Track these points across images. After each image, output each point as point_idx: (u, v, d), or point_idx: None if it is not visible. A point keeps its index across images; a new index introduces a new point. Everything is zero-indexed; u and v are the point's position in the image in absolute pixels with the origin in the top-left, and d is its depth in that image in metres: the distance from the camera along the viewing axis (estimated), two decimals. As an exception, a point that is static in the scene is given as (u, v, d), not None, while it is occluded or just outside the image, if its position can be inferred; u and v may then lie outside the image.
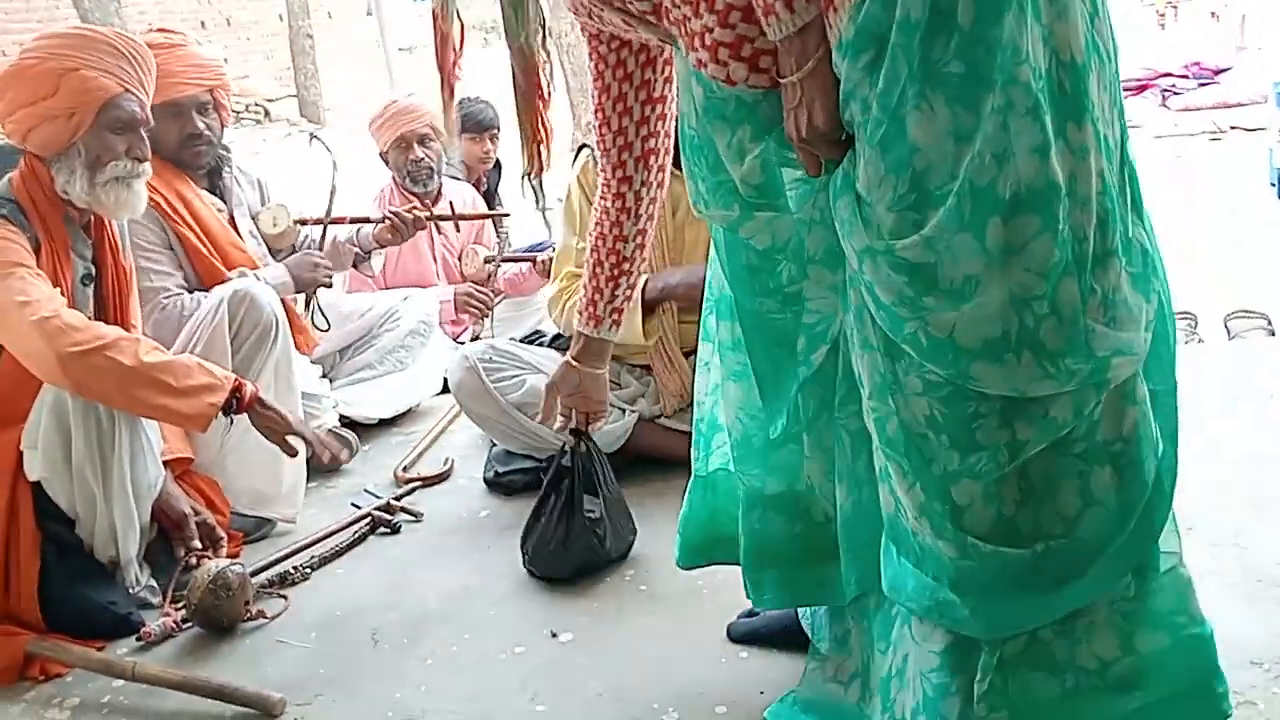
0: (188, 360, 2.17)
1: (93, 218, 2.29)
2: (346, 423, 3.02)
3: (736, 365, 1.56)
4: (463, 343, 3.46)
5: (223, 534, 2.36)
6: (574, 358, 1.90)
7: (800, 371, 1.46)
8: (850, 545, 1.50)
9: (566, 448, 2.18)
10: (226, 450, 2.49)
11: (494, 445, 2.73)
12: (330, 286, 3.05)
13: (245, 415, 2.20)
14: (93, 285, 2.31)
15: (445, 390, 3.05)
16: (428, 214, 3.22)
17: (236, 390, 2.16)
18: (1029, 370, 1.19)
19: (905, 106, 1.16)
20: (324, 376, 3.19)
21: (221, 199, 2.94)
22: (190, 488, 2.42)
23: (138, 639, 2.09)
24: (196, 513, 2.33)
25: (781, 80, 1.27)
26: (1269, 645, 1.67)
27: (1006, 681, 1.31)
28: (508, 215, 3.71)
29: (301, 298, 2.98)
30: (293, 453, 2.26)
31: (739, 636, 1.86)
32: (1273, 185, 4.55)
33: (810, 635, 1.68)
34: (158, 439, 2.29)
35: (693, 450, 1.73)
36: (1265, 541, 1.95)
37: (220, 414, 2.15)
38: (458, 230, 3.74)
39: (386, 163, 3.71)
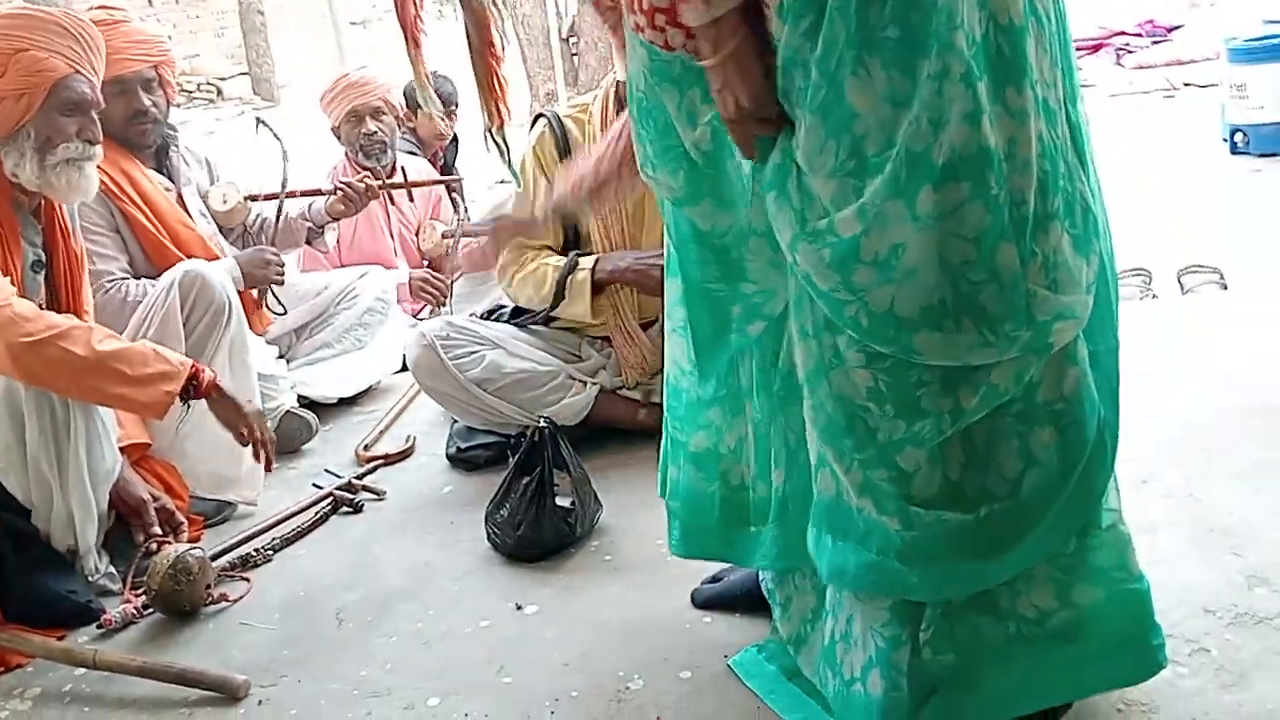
0: (143, 348, 2.13)
1: (42, 202, 2.25)
2: (305, 403, 2.99)
3: (679, 320, 1.56)
4: (422, 320, 3.43)
5: (183, 519, 2.33)
6: None
7: (733, 340, 1.46)
8: (781, 518, 1.53)
9: (531, 430, 2.17)
10: (185, 434, 2.46)
11: (455, 421, 2.72)
12: (282, 283, 3.00)
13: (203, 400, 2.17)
14: (44, 272, 2.26)
15: (405, 368, 3.03)
16: (380, 182, 3.18)
17: (194, 377, 2.13)
18: (970, 338, 1.20)
19: (843, 72, 1.15)
20: (281, 357, 3.16)
21: (169, 178, 2.90)
22: (148, 473, 2.39)
23: (98, 627, 2.07)
24: (155, 498, 2.30)
25: (700, 63, 1.27)
26: (1221, 594, 1.70)
27: (953, 626, 1.34)
28: (461, 180, 3.67)
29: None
30: (245, 443, 2.22)
31: (703, 602, 1.87)
32: (1225, 141, 4.59)
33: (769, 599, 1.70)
34: (113, 425, 2.26)
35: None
36: (1218, 493, 1.99)
37: (178, 401, 2.12)
38: (411, 200, 3.70)
39: (339, 138, 3.65)
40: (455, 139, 4.23)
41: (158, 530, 2.24)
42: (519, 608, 1.97)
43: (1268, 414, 2.25)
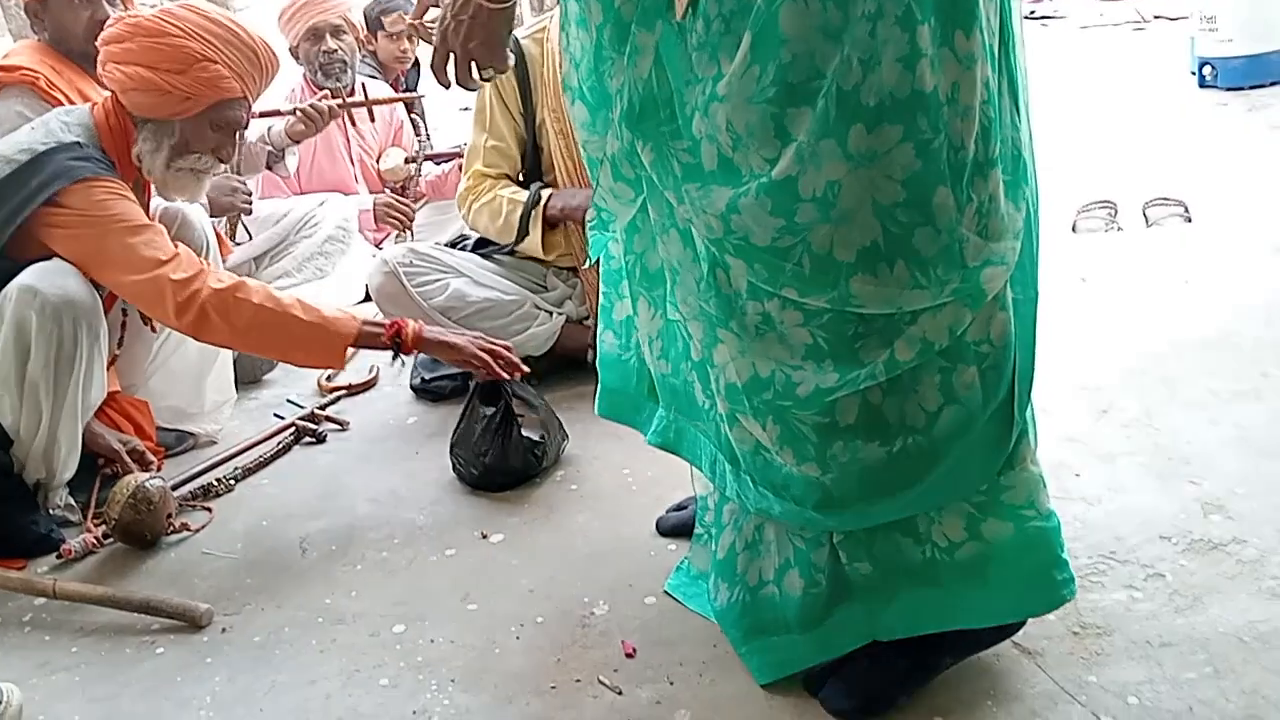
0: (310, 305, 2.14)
1: (145, 181, 2.23)
2: (266, 333, 2.94)
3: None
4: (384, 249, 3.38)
5: (153, 458, 2.32)
6: None
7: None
8: (668, 406, 1.59)
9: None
10: (152, 370, 2.43)
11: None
12: (249, 212, 2.95)
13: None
14: None
15: (368, 298, 2.98)
16: (340, 101, 3.10)
17: (397, 333, 2.12)
18: (902, 279, 1.21)
19: None
20: (241, 286, 3.10)
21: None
22: (119, 414, 2.35)
23: (58, 557, 2.05)
24: (125, 443, 2.27)
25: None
26: (1176, 520, 1.73)
27: (872, 539, 1.39)
28: (422, 97, 3.59)
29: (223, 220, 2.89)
30: (485, 377, 2.17)
31: (667, 530, 1.89)
32: (1193, 74, 4.58)
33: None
34: (107, 358, 2.22)
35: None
36: (1177, 422, 2.01)
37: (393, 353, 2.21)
38: (373, 121, 3.62)
39: (297, 58, 3.55)
40: (416, 62, 4.13)
41: (134, 471, 2.21)
42: (485, 536, 1.97)
43: (1227, 345, 2.28)
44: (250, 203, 2.89)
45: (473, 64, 1.41)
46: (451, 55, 1.41)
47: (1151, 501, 1.78)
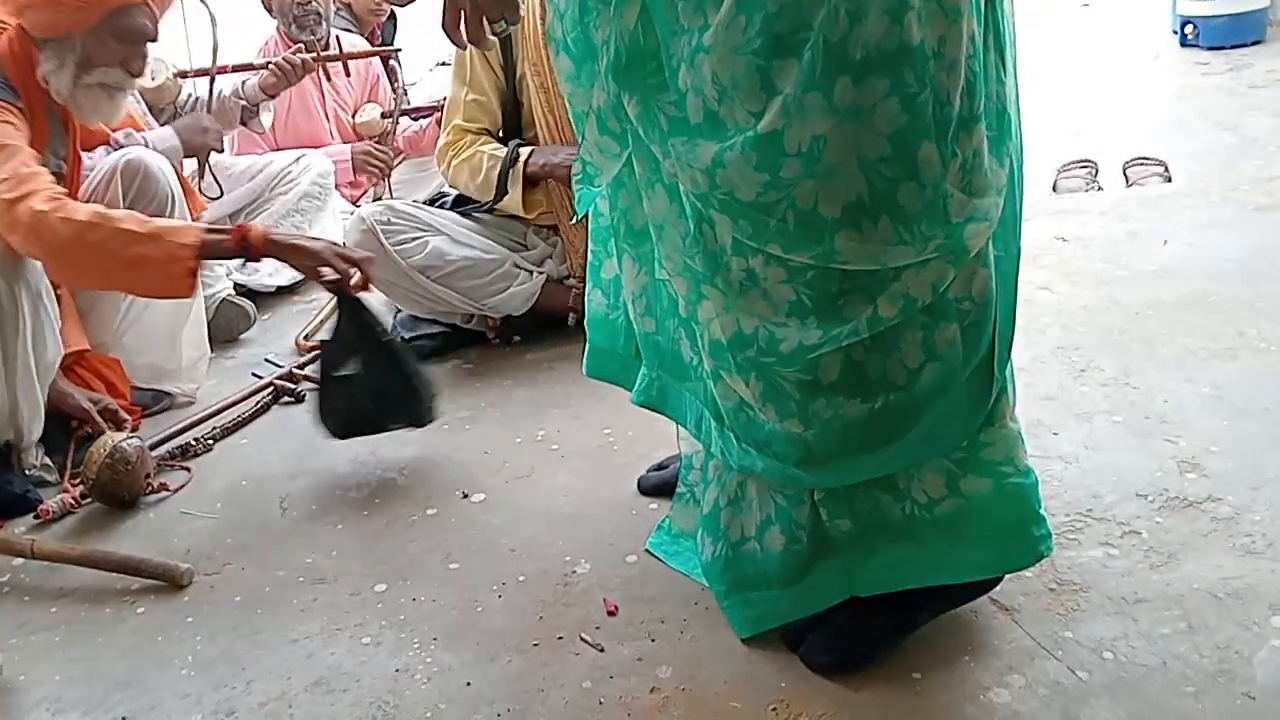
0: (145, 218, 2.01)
1: (66, 111, 2.17)
2: (243, 291, 2.93)
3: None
4: (362, 206, 3.34)
5: (126, 416, 2.29)
6: None
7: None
8: (651, 365, 1.59)
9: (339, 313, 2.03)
10: (124, 327, 2.40)
11: (399, 311, 2.67)
12: (221, 150, 2.91)
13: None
14: (61, 184, 2.16)
15: (346, 255, 2.96)
16: (314, 55, 3.05)
17: (243, 236, 1.95)
18: (886, 235, 1.21)
19: None
20: (216, 243, 3.06)
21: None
22: (89, 373, 2.33)
23: (35, 517, 2.03)
24: (96, 401, 2.25)
25: None
26: (1153, 479, 1.74)
27: (852, 495, 1.40)
28: (399, 51, 3.54)
29: (192, 162, 2.84)
30: (330, 283, 2.00)
31: (648, 489, 1.89)
32: (1175, 32, 4.57)
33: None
34: (57, 316, 2.19)
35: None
36: (1155, 381, 2.03)
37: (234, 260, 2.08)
38: (348, 74, 3.56)
39: (270, 10, 3.48)
40: (393, 15, 4.06)
41: (107, 431, 2.19)
42: (466, 496, 1.97)
43: (1204, 304, 2.29)
44: (221, 142, 2.85)
45: (484, 18, 1.36)
46: (462, 12, 1.36)
47: (1128, 460, 1.80)
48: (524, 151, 2.47)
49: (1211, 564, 1.54)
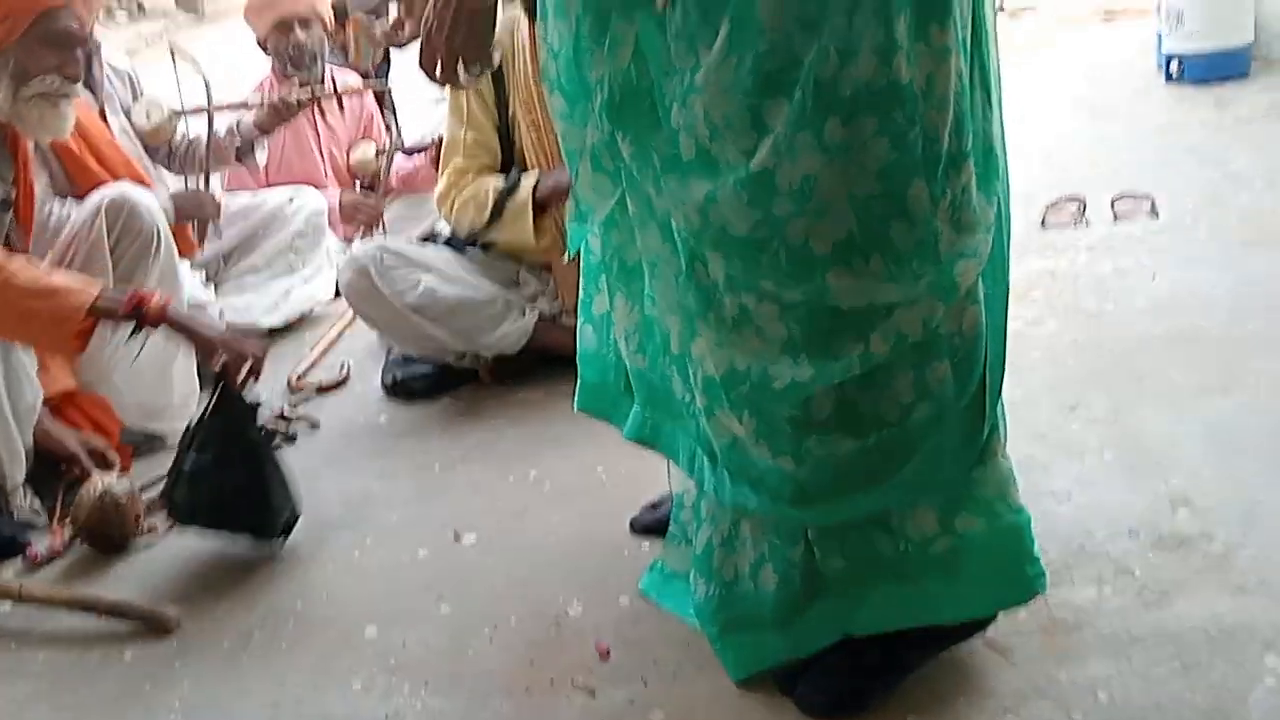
0: (56, 275, 2.02)
1: (10, 133, 2.15)
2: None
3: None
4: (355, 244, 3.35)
5: (115, 456, 2.28)
6: None
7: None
8: (644, 404, 1.58)
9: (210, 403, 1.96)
10: (113, 365, 2.39)
11: (391, 350, 2.68)
12: (218, 221, 2.92)
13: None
14: (10, 211, 2.17)
15: (339, 294, 2.96)
16: (308, 93, 3.07)
17: (139, 304, 1.96)
18: (877, 272, 1.22)
19: None
20: (208, 282, 3.07)
21: (91, 93, 2.77)
22: (77, 412, 2.32)
23: (24, 560, 2.03)
24: (85, 443, 2.24)
25: None
26: (1145, 516, 1.74)
27: (845, 535, 1.39)
28: (391, 89, 3.56)
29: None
30: (221, 374, 1.96)
31: (641, 529, 1.89)
32: (1160, 68, 4.62)
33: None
34: (31, 361, 2.19)
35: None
36: (1144, 418, 2.03)
37: (118, 332, 2.00)
38: (341, 110, 3.58)
39: (265, 50, 3.50)
40: (387, 54, 4.09)
41: (95, 474, 2.17)
42: (457, 537, 1.97)
43: (1193, 340, 2.30)
44: (219, 214, 2.87)
45: (459, 62, 1.42)
46: (437, 54, 1.42)
47: (1120, 497, 1.80)
48: (525, 179, 2.47)
49: (1204, 602, 1.53)
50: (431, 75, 1.46)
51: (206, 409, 1.95)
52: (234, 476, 1.91)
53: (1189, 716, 1.34)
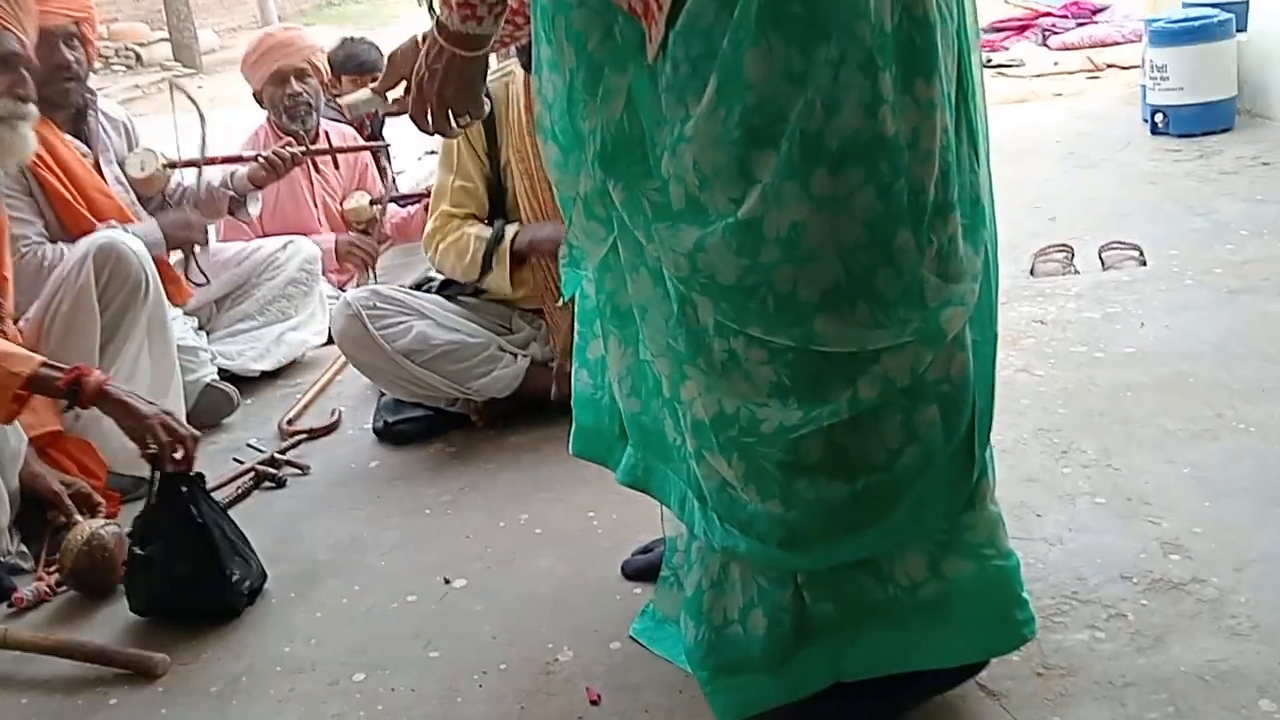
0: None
1: None
2: (226, 376, 2.92)
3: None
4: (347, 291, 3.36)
5: (100, 499, 2.26)
6: (445, 41, 1.40)
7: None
8: (637, 446, 1.58)
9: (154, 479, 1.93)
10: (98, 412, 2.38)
11: (383, 395, 2.68)
12: (206, 244, 2.93)
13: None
14: None
15: (331, 341, 2.97)
16: (303, 149, 3.09)
17: (76, 380, 1.95)
18: (864, 319, 1.23)
19: (747, 43, 1.15)
20: (201, 329, 3.07)
21: (86, 143, 2.80)
22: (61, 454, 2.31)
23: (9, 605, 2.00)
24: (69, 485, 2.22)
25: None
26: (1137, 560, 1.74)
27: (836, 579, 1.39)
28: (387, 145, 3.59)
29: (179, 251, 2.87)
30: (150, 456, 1.94)
31: (632, 573, 1.88)
32: (1145, 121, 4.69)
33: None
34: None
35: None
36: (1135, 463, 2.03)
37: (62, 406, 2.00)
38: (337, 168, 3.61)
39: (261, 103, 3.54)
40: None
41: (77, 518, 2.16)
42: (447, 582, 1.95)
43: (1181, 386, 2.31)
44: (206, 236, 2.88)
45: (449, 112, 1.45)
46: (428, 104, 1.45)
47: (1112, 542, 1.80)
48: (510, 230, 2.50)
49: (1198, 647, 1.53)
50: (422, 125, 1.49)
51: (149, 500, 1.93)
52: (184, 565, 1.88)
53: (1184, 762, 1.33)
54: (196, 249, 2.90)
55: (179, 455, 1.93)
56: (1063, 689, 1.48)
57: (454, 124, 1.48)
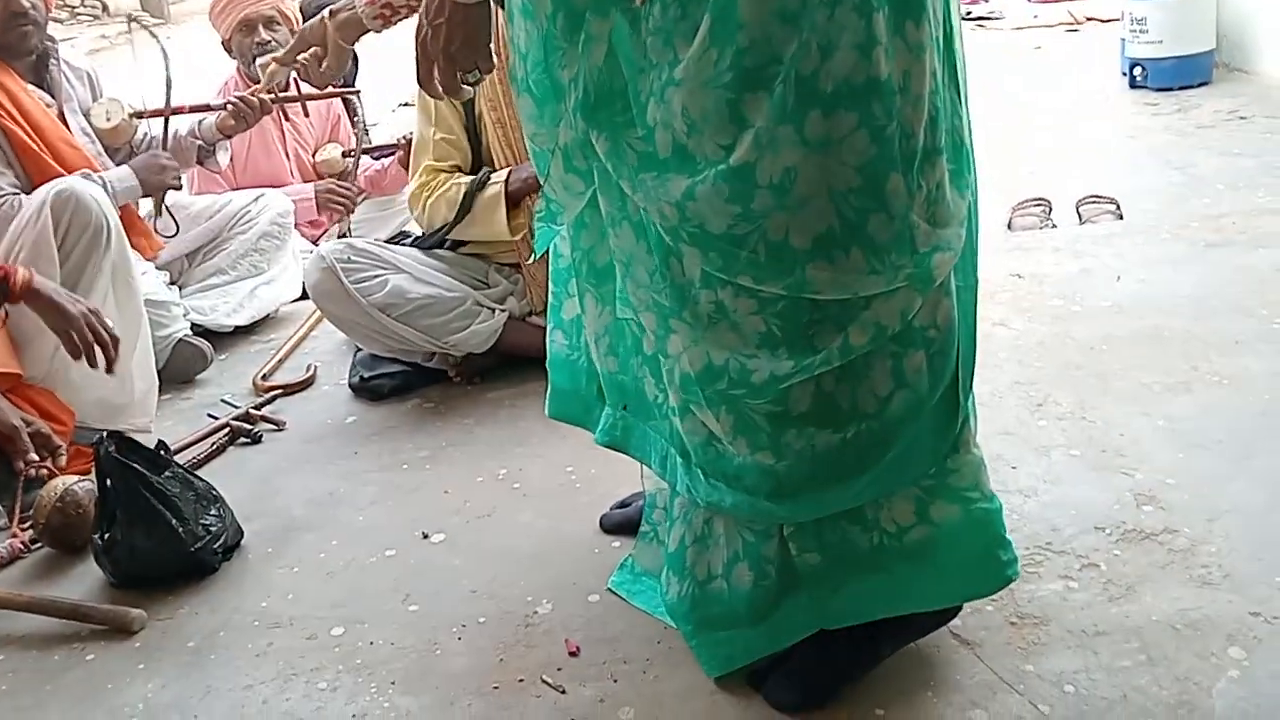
0: None
1: None
2: (199, 331, 2.89)
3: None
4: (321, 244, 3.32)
5: (60, 442, 2.21)
6: None
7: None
8: (616, 405, 1.58)
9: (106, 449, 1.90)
10: (68, 361, 2.34)
11: (358, 350, 2.66)
12: (180, 188, 2.89)
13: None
14: None
15: (305, 295, 2.94)
16: (272, 96, 3.03)
17: (2, 279, 1.95)
18: (858, 265, 1.22)
19: None
20: (172, 283, 3.03)
21: (49, 93, 2.73)
22: (22, 401, 2.26)
23: (-17, 562, 1.98)
24: (28, 423, 2.18)
25: None
26: (1110, 511, 1.76)
27: (821, 529, 1.40)
28: (358, 91, 3.53)
29: (149, 200, 2.82)
30: (76, 353, 1.99)
31: (611, 527, 1.88)
32: (1124, 75, 4.68)
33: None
34: None
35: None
36: (1110, 415, 2.05)
37: None
38: (307, 116, 3.55)
39: (229, 52, 3.47)
40: (355, 57, 4.06)
41: (34, 456, 2.12)
42: (426, 536, 1.95)
43: (1157, 339, 2.33)
44: (180, 180, 2.83)
45: (457, 70, 1.42)
46: (435, 64, 1.41)
47: (1086, 493, 1.81)
48: (495, 175, 2.47)
49: (1169, 596, 1.55)
50: (430, 88, 1.45)
51: (100, 487, 1.92)
52: (144, 538, 1.87)
53: (1154, 709, 1.35)
54: (170, 195, 2.84)
55: (100, 359, 1.93)
56: (1036, 638, 1.50)
57: (464, 81, 1.44)
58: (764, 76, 1.16)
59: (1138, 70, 4.58)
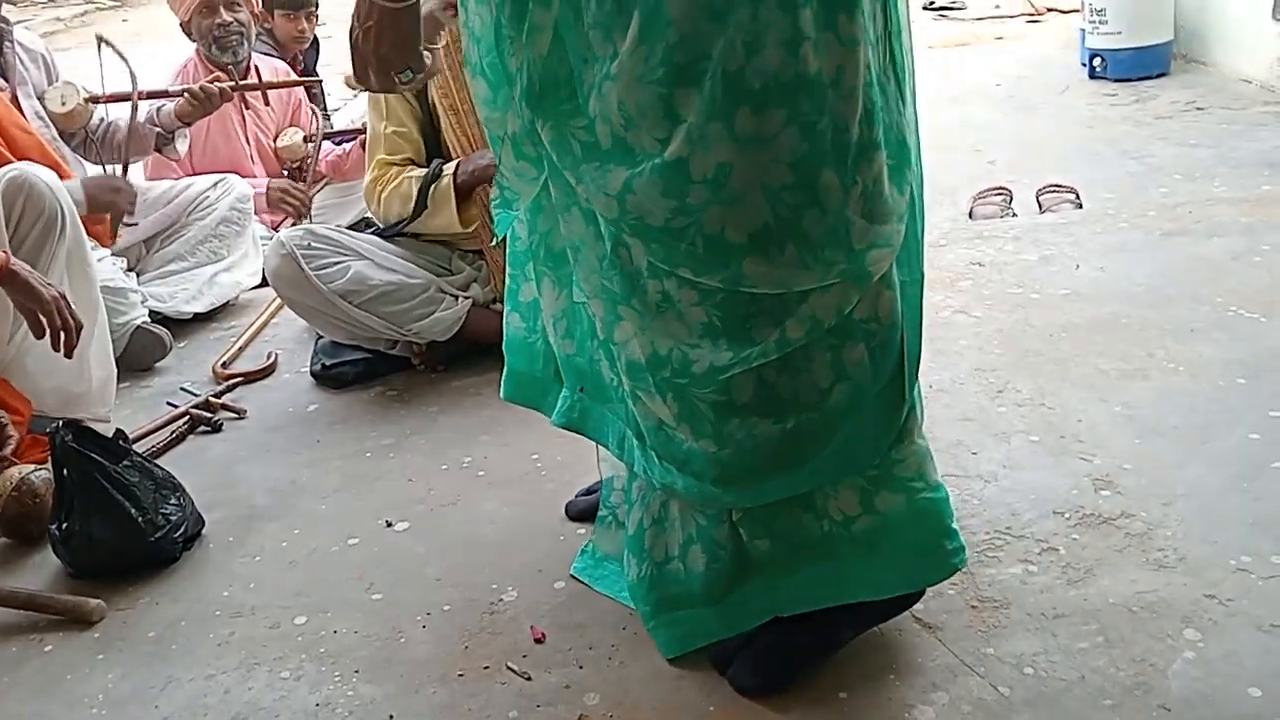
0: None
1: None
2: (158, 318, 2.85)
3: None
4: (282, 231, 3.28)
5: (14, 431, 2.18)
6: None
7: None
8: (572, 387, 1.58)
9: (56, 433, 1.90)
10: (25, 348, 2.30)
11: (320, 337, 2.63)
12: (132, 213, 2.82)
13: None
14: None
15: (266, 282, 2.90)
16: (232, 84, 2.99)
17: None
18: (791, 260, 1.23)
19: None
20: (130, 270, 2.99)
21: (2, 76, 2.68)
22: (-23, 389, 2.23)
23: (-64, 554, 1.95)
24: None
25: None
26: (1069, 496, 1.78)
27: (772, 514, 1.42)
28: (319, 81, 3.49)
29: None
30: (39, 333, 1.98)
31: (576, 514, 1.88)
32: (1084, 65, 4.72)
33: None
34: None
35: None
36: (1069, 402, 2.07)
37: None
38: (268, 104, 3.50)
39: (189, 34, 3.41)
40: (315, 42, 4.01)
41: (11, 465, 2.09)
42: (389, 525, 1.94)
43: (1114, 326, 2.36)
44: (134, 205, 2.77)
45: (389, 68, 1.44)
46: (367, 64, 1.44)
47: (1045, 478, 1.84)
48: (448, 167, 2.45)
49: (1126, 579, 1.57)
50: (366, 85, 1.47)
51: (57, 478, 1.90)
52: (102, 527, 1.84)
53: (1112, 690, 1.38)
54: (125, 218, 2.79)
55: (64, 344, 1.92)
56: (996, 621, 1.52)
57: (397, 80, 1.45)
58: (694, 72, 1.16)
59: (1097, 61, 4.63)
